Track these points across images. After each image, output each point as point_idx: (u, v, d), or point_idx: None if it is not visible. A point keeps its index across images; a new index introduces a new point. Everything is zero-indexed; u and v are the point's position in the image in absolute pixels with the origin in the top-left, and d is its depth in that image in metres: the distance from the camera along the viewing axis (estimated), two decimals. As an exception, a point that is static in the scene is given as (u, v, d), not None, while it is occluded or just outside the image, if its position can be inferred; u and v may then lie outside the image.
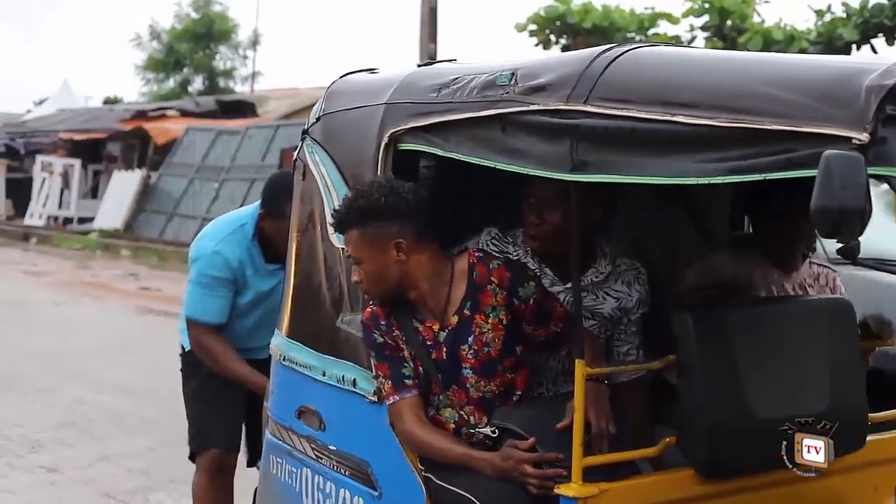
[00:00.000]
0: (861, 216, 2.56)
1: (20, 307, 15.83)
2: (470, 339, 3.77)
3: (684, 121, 2.94)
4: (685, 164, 2.95)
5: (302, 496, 4.29)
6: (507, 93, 3.46)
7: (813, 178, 3.82)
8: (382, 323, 3.80)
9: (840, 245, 2.65)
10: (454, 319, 3.79)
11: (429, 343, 3.79)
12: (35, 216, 29.53)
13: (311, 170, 4.34)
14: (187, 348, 5.43)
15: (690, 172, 2.95)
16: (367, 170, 3.96)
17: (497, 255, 3.96)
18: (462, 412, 3.78)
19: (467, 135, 3.58)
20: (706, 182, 2.97)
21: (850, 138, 2.61)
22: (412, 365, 3.79)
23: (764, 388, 3.54)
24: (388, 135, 3.87)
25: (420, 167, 3.89)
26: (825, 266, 4.55)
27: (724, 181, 2.92)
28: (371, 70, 4.47)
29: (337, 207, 3.87)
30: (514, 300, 3.77)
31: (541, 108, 3.32)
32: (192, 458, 5.49)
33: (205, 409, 5.41)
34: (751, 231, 4.56)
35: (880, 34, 19.42)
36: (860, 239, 2.61)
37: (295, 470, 4.35)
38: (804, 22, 30.97)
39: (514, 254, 4.02)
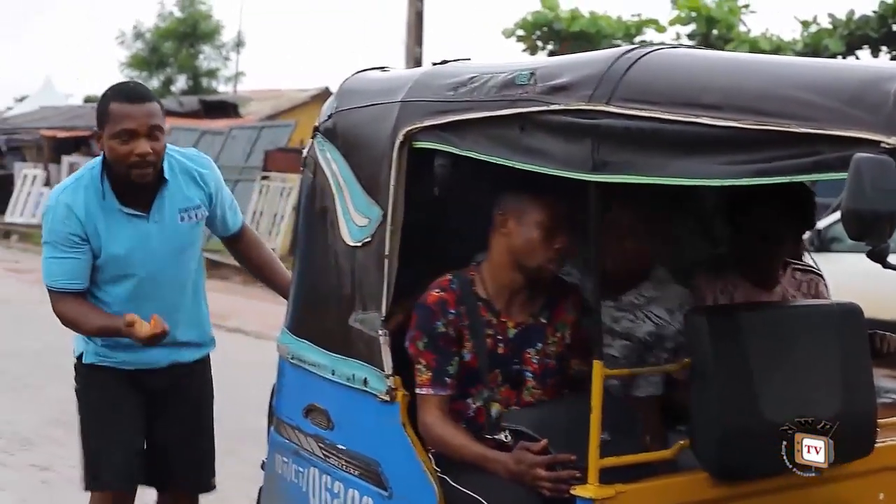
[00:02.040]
0: (892, 219, 2.57)
1: (4, 305, 15.73)
2: (539, 344, 3.84)
3: (709, 122, 2.94)
4: (709, 165, 2.96)
5: (309, 496, 4.27)
6: (527, 92, 3.45)
7: (797, 191, 3.87)
8: (451, 311, 3.79)
9: (869, 248, 2.66)
10: (529, 321, 3.84)
11: (498, 337, 3.82)
12: (17, 214, 29.38)
13: (321, 167, 4.32)
14: (76, 354, 4.71)
15: (714, 174, 2.96)
16: (381, 168, 3.95)
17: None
18: (506, 412, 3.80)
19: (485, 133, 3.57)
20: (731, 184, 2.97)
21: (879, 142, 2.62)
22: (468, 358, 3.79)
23: (776, 391, 3.55)
24: (403, 133, 3.86)
25: (435, 166, 3.88)
26: (809, 271, 4.48)
27: (750, 183, 2.92)
28: (383, 68, 4.45)
29: None
30: (579, 326, 3.87)
31: (562, 107, 3.32)
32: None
33: (94, 440, 4.64)
34: (729, 248, 4.49)
35: (865, 46, 19.50)
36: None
37: (302, 469, 4.33)
38: (790, 32, 31.11)
39: (566, 265, 4.04)
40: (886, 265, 2.68)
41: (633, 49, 3.35)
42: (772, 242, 4.22)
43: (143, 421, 4.70)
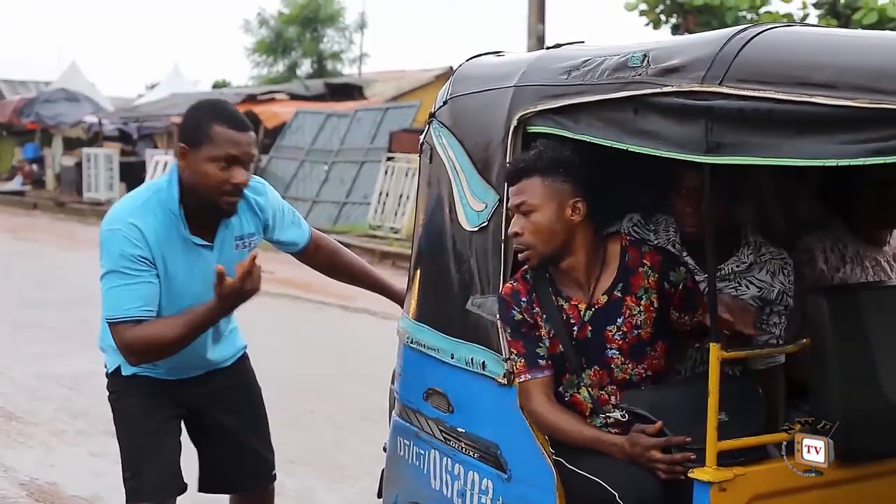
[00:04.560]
0: None
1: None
2: (619, 320, 3.78)
3: (824, 102, 2.91)
4: (824, 145, 2.93)
5: (430, 478, 4.32)
6: (640, 74, 3.45)
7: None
8: (523, 299, 3.81)
9: None
10: (603, 299, 3.80)
11: (572, 322, 3.80)
12: (149, 199, 29.93)
13: (438, 153, 4.36)
14: (111, 369, 4.51)
15: (830, 154, 2.93)
16: (496, 152, 3.98)
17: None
18: (602, 392, 3.79)
19: (598, 116, 3.58)
20: (847, 164, 2.94)
21: None
22: (547, 345, 3.79)
23: (898, 372, 3.51)
24: (517, 117, 3.88)
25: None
26: None
27: (866, 163, 2.88)
28: (497, 53, 4.47)
29: (518, 157, 3.86)
30: (664, 284, 3.78)
31: (675, 89, 3.31)
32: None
33: (137, 451, 4.47)
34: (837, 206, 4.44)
35: None
36: None
37: (423, 452, 4.38)
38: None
39: (656, 241, 4.03)
40: None
41: (745, 29, 3.32)
42: (880, 197, 4.17)
43: (180, 430, 4.60)
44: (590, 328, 3.79)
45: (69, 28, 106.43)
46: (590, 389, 3.79)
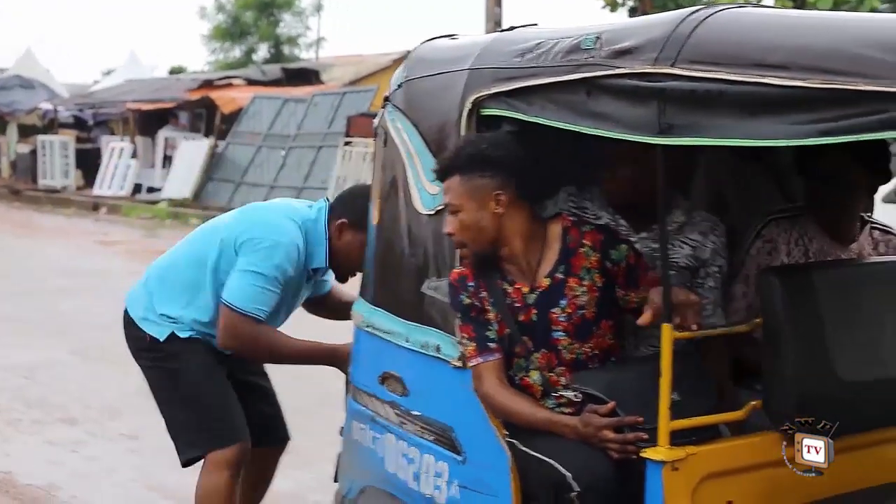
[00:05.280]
0: None
1: (96, 277, 15.97)
2: (563, 301, 3.78)
3: (775, 83, 2.91)
4: (776, 126, 2.94)
5: (385, 461, 4.32)
6: (593, 56, 3.44)
7: (870, 141, 3.82)
8: (470, 284, 3.82)
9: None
10: (545, 282, 3.80)
11: (517, 305, 3.80)
12: (104, 186, 29.81)
13: (392, 137, 4.35)
14: (163, 337, 4.99)
15: (781, 134, 2.94)
16: (450, 136, 3.97)
17: (574, 214, 4.00)
18: (551, 374, 3.79)
19: (552, 99, 3.57)
20: (797, 144, 2.95)
21: None
22: (497, 328, 3.80)
23: (850, 350, 3.53)
24: (471, 100, 3.87)
25: (503, 132, 3.88)
26: (888, 232, 4.42)
27: (816, 143, 2.90)
28: (452, 36, 4.46)
29: (441, 156, 3.90)
30: (606, 262, 3.78)
31: (627, 71, 3.30)
32: (191, 461, 5.08)
33: (218, 398, 5.00)
34: (805, 201, 4.43)
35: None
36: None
37: (378, 435, 4.38)
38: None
39: (591, 209, 4.06)
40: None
41: (698, 10, 3.32)
42: (844, 191, 4.18)
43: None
44: (534, 311, 3.80)
45: (24, 15, 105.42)
46: (539, 372, 3.80)
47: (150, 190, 28.69)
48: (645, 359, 3.82)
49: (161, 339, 4.99)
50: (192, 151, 27.99)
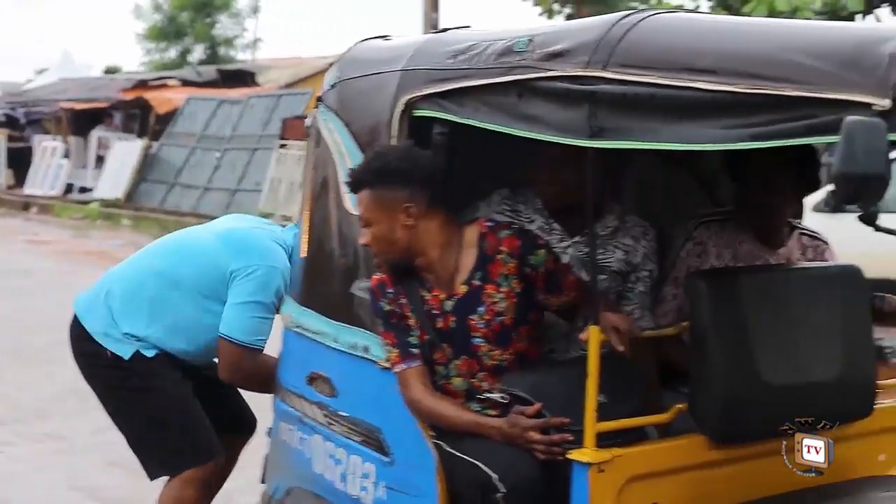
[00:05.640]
0: (882, 182, 2.56)
1: (24, 277, 15.80)
2: (481, 308, 3.77)
3: (704, 87, 2.93)
4: (704, 130, 2.96)
5: (313, 463, 4.31)
6: (525, 59, 3.45)
7: (799, 148, 3.88)
8: (389, 290, 3.81)
9: (860, 212, 2.65)
10: (463, 289, 3.79)
11: (435, 312, 3.80)
12: (36, 186, 29.48)
13: (324, 137, 4.33)
14: (127, 356, 4.83)
15: (710, 139, 2.96)
16: (381, 137, 3.96)
17: (507, 217, 4.00)
18: (473, 380, 3.79)
19: (484, 101, 3.57)
20: (727, 148, 2.97)
21: (871, 105, 2.61)
22: (418, 334, 3.79)
23: (776, 354, 3.56)
24: (403, 101, 3.86)
25: (434, 134, 3.89)
26: (816, 237, 4.46)
27: (745, 147, 2.92)
28: (385, 37, 4.45)
29: (352, 169, 3.90)
30: (525, 268, 3.77)
31: (559, 74, 3.31)
32: (158, 475, 4.97)
33: (188, 419, 4.89)
34: (734, 205, 4.46)
35: (885, 4, 19.29)
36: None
37: (306, 436, 4.36)
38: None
39: (524, 212, 4.06)
40: (877, 228, 2.67)
41: (629, 14, 3.33)
42: (773, 196, 4.21)
43: None
44: (452, 318, 3.79)
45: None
46: (462, 378, 3.80)
47: (83, 190, 28.41)
48: (572, 361, 3.83)
49: (125, 358, 4.84)
50: (125, 152, 27.75)
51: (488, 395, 3.74)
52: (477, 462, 3.55)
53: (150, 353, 4.83)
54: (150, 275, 4.91)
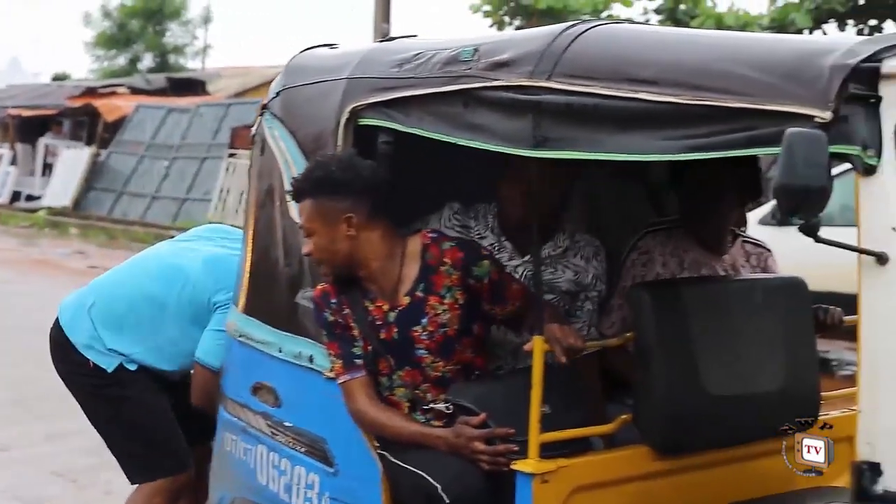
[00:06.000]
0: (823, 194, 2.56)
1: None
2: (424, 320, 3.76)
3: (647, 98, 2.94)
4: (647, 140, 2.96)
5: (256, 473, 4.28)
6: (470, 68, 3.45)
7: (746, 158, 3.90)
8: (333, 301, 3.79)
9: (801, 223, 2.66)
10: (405, 300, 3.77)
11: (378, 323, 3.78)
12: (-19, 193, 29.21)
13: (269, 145, 4.32)
14: (110, 368, 4.86)
15: (653, 149, 2.97)
16: (326, 145, 3.95)
17: (458, 231, 3.98)
18: (417, 391, 3.78)
19: (429, 110, 3.57)
20: (668, 159, 2.98)
21: (812, 116, 2.62)
22: (362, 344, 3.77)
23: (720, 366, 3.57)
24: (348, 110, 3.85)
25: (379, 143, 3.88)
26: (759, 245, 4.49)
27: (687, 158, 2.93)
28: (331, 45, 4.44)
29: (294, 177, 3.88)
30: (468, 280, 3.75)
31: (503, 83, 3.32)
32: (137, 480, 4.99)
33: (164, 429, 4.92)
34: (679, 214, 4.48)
35: (832, 20, 19.51)
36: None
37: (250, 447, 4.33)
38: (758, 7, 31.03)
39: (475, 228, 4.04)
40: (818, 239, 2.68)
41: (574, 25, 3.34)
42: (716, 204, 4.23)
43: None
44: (395, 329, 3.77)
45: None
46: (405, 389, 3.78)
47: (30, 198, 28.19)
48: (517, 372, 3.83)
49: (108, 371, 4.87)
50: (73, 159, 27.57)
51: (433, 405, 3.73)
52: (422, 472, 3.54)
53: (132, 367, 4.87)
54: (139, 297, 4.91)
